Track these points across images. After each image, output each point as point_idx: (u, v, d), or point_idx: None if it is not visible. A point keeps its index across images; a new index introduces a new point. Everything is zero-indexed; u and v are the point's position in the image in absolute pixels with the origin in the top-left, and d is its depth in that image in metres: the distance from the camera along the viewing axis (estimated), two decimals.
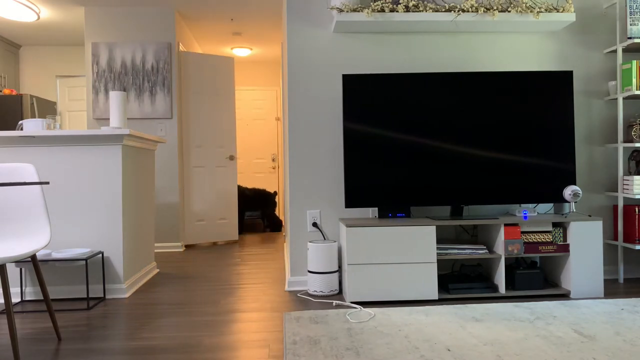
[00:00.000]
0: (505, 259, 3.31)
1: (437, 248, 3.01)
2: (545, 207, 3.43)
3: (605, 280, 3.44)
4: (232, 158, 5.59)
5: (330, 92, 3.37)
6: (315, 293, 3.15)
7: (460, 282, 3.05)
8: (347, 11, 3.14)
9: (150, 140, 3.73)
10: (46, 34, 6.04)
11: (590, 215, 3.16)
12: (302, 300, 3.05)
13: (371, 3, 3.19)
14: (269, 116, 7.70)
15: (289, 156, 3.40)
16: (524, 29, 3.38)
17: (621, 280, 3.40)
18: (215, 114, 5.48)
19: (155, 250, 5.06)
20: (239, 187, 6.44)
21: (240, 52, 6.77)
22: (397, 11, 3.16)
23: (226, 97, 5.58)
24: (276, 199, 7.54)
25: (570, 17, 3.23)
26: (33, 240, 2.33)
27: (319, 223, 3.36)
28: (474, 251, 3.02)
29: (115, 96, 3.40)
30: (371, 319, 2.59)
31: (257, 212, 6.73)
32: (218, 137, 5.49)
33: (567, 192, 3.07)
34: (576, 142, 3.49)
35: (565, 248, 3.01)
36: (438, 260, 3.34)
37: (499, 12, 3.20)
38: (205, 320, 2.68)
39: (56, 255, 3.01)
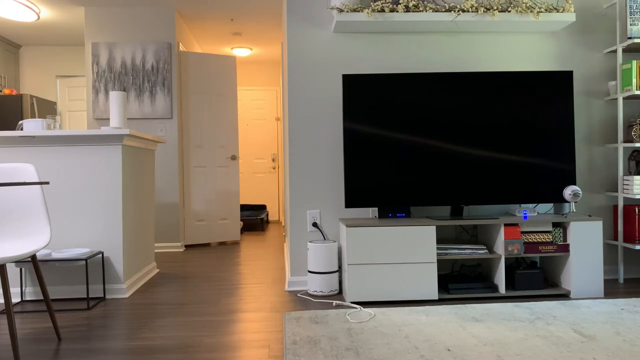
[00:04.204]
0: (505, 259, 3.31)
1: (437, 248, 3.01)
2: (545, 207, 3.43)
3: (605, 280, 3.44)
4: (234, 158, 5.58)
5: (330, 92, 3.37)
6: (315, 293, 3.15)
7: (460, 282, 3.05)
8: (347, 11, 3.14)
9: (150, 140, 3.73)
10: (46, 34, 6.04)
11: (590, 215, 3.16)
12: (302, 300, 3.05)
13: (371, 3, 3.19)
14: (269, 116, 7.70)
15: (288, 156, 3.40)
16: (524, 29, 3.38)
17: (621, 280, 3.40)
18: (217, 114, 5.48)
19: (155, 250, 5.06)
20: None
21: (240, 52, 6.77)
22: (397, 11, 3.16)
23: (228, 97, 5.57)
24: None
25: (570, 17, 3.23)
26: (33, 240, 2.33)
27: (319, 223, 3.36)
28: (474, 251, 3.02)
29: (115, 96, 3.40)
30: (371, 319, 2.59)
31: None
32: (219, 137, 5.49)
33: (567, 192, 3.07)
34: (576, 142, 3.49)
35: (565, 248, 3.01)
36: (438, 260, 3.34)
37: (499, 12, 3.20)
38: (205, 320, 2.68)
39: (56, 255, 3.00)
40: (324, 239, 3.37)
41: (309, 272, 3.17)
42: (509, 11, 3.20)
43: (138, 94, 5.00)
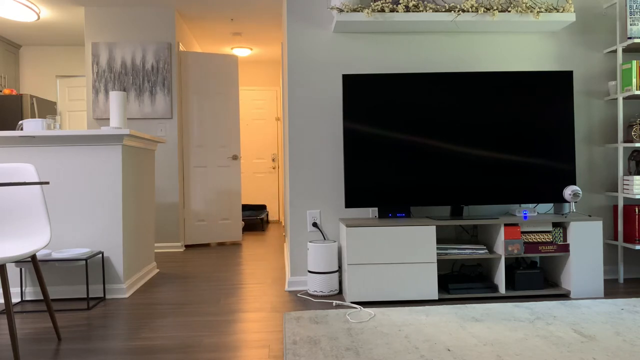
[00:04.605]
0: (505, 259, 3.31)
1: (437, 248, 3.01)
2: (545, 207, 3.43)
3: (605, 280, 3.44)
4: (235, 158, 5.57)
5: (330, 92, 3.37)
6: (315, 293, 3.15)
7: (460, 282, 3.05)
8: (347, 11, 3.14)
9: (150, 140, 3.73)
10: (46, 34, 6.04)
11: (590, 215, 3.15)
12: (302, 300, 3.05)
13: (371, 3, 3.19)
14: (269, 116, 7.70)
15: (289, 156, 3.40)
16: (524, 29, 3.38)
17: (621, 280, 3.40)
18: (218, 114, 5.47)
19: (155, 250, 5.06)
20: None
21: (240, 52, 6.77)
22: (397, 11, 3.16)
23: (229, 96, 5.56)
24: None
25: (570, 17, 3.23)
26: (33, 240, 2.33)
27: (319, 223, 3.36)
28: (474, 251, 3.02)
29: (115, 96, 3.40)
30: (371, 319, 2.59)
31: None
32: (220, 136, 5.49)
33: (567, 192, 3.07)
34: (576, 142, 3.49)
35: (565, 248, 3.01)
36: (438, 260, 3.34)
37: (499, 12, 3.20)
38: (205, 320, 2.68)
39: (56, 255, 3.00)
40: (324, 239, 3.37)
41: (309, 272, 3.17)
42: (509, 11, 3.20)
43: (138, 94, 5.01)
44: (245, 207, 7.10)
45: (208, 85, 5.43)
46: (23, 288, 3.16)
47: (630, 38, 3.33)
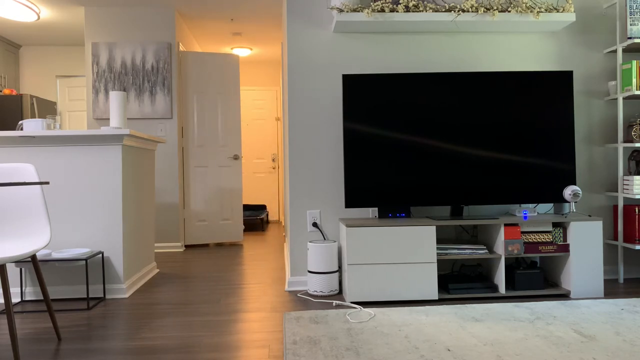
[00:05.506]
0: (505, 259, 3.31)
1: (437, 248, 3.01)
2: (545, 207, 3.43)
3: (605, 280, 3.44)
4: (236, 157, 5.56)
5: (330, 92, 3.37)
6: (315, 293, 3.15)
7: (460, 282, 3.05)
8: (347, 11, 3.14)
9: (150, 140, 3.73)
10: (46, 34, 6.04)
11: (590, 215, 3.15)
12: (302, 300, 3.05)
13: (371, 3, 3.19)
14: (269, 116, 7.71)
15: (288, 156, 3.40)
16: (524, 29, 3.38)
17: (621, 280, 3.40)
18: (219, 113, 5.47)
19: (155, 250, 5.06)
20: None
21: (241, 52, 6.77)
22: (397, 11, 3.16)
23: (230, 96, 5.55)
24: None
25: (570, 17, 3.23)
26: (33, 240, 2.33)
27: (319, 223, 3.36)
28: (474, 251, 3.02)
29: (115, 96, 3.40)
30: (371, 319, 2.59)
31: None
32: (221, 136, 5.48)
33: (567, 192, 3.07)
34: (576, 142, 3.49)
35: (565, 248, 3.01)
36: (438, 260, 3.34)
37: (499, 12, 3.20)
38: (205, 320, 2.68)
39: (56, 255, 3.01)
40: (324, 239, 3.37)
41: (309, 272, 3.17)
42: (509, 11, 3.20)
43: (138, 94, 5.00)
44: (245, 207, 7.10)
45: (208, 85, 5.43)
46: (23, 288, 3.16)
47: (630, 38, 3.33)
